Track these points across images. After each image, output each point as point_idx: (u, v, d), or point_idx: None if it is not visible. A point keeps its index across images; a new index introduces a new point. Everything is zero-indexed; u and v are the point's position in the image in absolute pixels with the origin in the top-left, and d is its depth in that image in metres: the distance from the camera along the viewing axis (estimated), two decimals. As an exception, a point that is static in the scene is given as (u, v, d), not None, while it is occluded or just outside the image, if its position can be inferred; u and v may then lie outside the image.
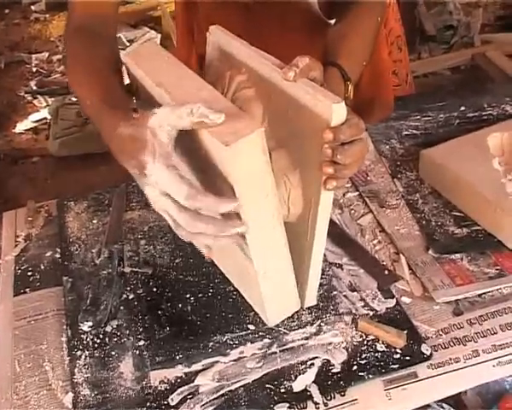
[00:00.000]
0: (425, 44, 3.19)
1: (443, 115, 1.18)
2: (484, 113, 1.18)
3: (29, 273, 0.91)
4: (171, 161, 0.64)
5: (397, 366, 0.74)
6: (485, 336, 0.77)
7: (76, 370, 0.76)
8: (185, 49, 1.14)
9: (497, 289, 0.83)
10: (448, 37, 3.25)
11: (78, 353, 0.78)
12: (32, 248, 0.96)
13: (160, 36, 3.50)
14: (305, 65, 0.70)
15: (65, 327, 0.82)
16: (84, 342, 0.80)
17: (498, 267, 0.85)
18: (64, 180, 2.47)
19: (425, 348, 0.75)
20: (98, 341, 0.80)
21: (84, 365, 0.77)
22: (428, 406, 0.75)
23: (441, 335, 0.78)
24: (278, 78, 0.72)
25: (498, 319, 0.79)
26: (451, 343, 0.77)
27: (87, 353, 0.78)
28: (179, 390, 0.73)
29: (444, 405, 0.77)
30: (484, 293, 0.82)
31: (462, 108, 1.19)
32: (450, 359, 0.75)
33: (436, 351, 0.76)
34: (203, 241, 0.66)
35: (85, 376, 0.76)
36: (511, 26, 3.20)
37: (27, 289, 0.88)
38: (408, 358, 0.75)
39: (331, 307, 0.82)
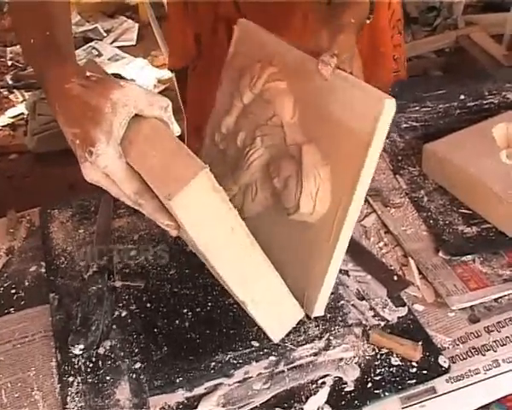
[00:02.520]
0: (407, 27, 3.14)
1: (442, 105, 1.13)
2: (485, 101, 1.13)
3: (12, 291, 0.85)
4: (120, 149, 0.59)
5: (414, 381, 0.69)
6: (504, 345, 0.73)
7: (68, 399, 0.70)
8: (179, 28, 1.09)
9: (514, 293, 0.78)
10: (431, 19, 3.21)
11: (70, 379, 0.72)
12: (14, 263, 0.89)
13: (137, 25, 3.41)
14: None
15: (54, 350, 0.76)
16: (76, 366, 0.74)
17: (513, 269, 0.81)
18: (43, 178, 2.39)
19: (442, 361, 0.71)
20: (91, 365, 0.74)
21: (77, 392, 0.71)
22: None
23: (458, 345, 0.73)
24: (312, 71, 0.70)
25: (517, 326, 0.75)
26: (470, 354, 0.72)
27: (79, 379, 0.72)
28: (181, 418, 0.68)
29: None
30: (500, 297, 0.78)
31: (462, 97, 1.14)
32: (470, 371, 0.70)
33: (454, 363, 0.71)
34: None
35: (79, 405, 0.70)
36: (494, 7, 3.16)
37: (11, 309, 0.82)
38: (425, 372, 0.70)
39: (339, 319, 0.77)
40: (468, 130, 0.99)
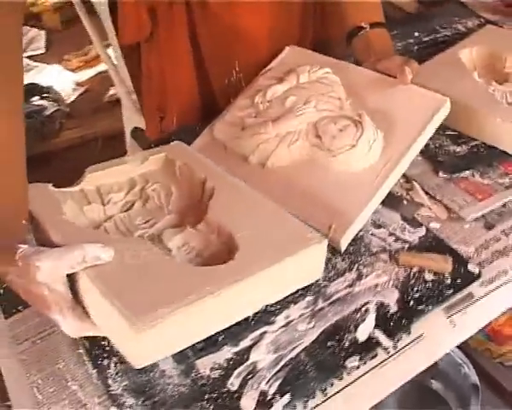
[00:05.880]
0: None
1: (400, 43, 1.16)
2: (439, 35, 1.17)
3: (14, 290, 0.79)
4: (79, 309, 0.64)
5: (451, 291, 0.71)
6: (524, 243, 0.76)
7: (109, 381, 0.66)
8: (132, 4, 1.03)
9: (518, 196, 0.82)
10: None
11: (105, 362, 0.68)
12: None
13: (44, 32, 3.26)
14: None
15: (78, 338, 0.71)
16: (107, 348, 0.69)
17: (511, 175, 0.84)
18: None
19: (472, 268, 0.73)
20: (124, 342, 0.70)
21: (117, 373, 0.67)
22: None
23: (481, 251, 0.75)
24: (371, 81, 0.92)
25: (530, 224, 0.78)
26: (494, 257, 0.75)
27: (115, 359, 0.68)
28: (236, 373, 0.65)
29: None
30: (506, 203, 0.81)
31: (417, 34, 1.18)
32: (499, 272, 0.73)
33: (483, 268, 0.73)
34: None
35: (123, 384, 0.66)
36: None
37: (20, 307, 0.76)
38: (459, 281, 0.72)
39: (363, 249, 0.77)
40: (435, 59, 1.02)
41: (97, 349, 0.70)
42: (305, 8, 1.09)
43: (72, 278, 0.64)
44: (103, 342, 0.70)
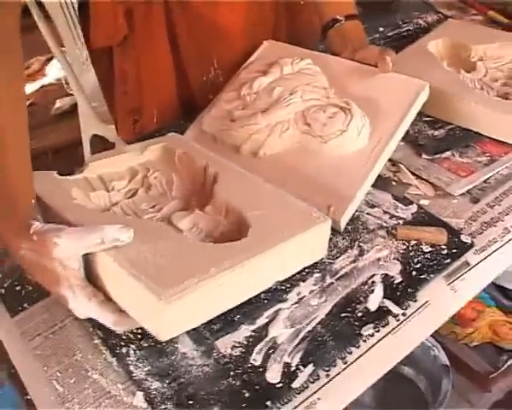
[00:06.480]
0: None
1: (367, 38, 1.20)
2: (402, 29, 1.23)
3: (17, 288, 0.77)
4: (89, 288, 0.64)
5: (449, 260, 0.75)
6: (508, 214, 0.81)
7: (131, 367, 0.66)
8: (107, 7, 1.03)
9: (497, 172, 0.87)
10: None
11: (124, 350, 0.68)
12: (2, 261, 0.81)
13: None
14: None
15: (91, 329, 0.71)
16: (124, 337, 0.70)
17: (488, 154, 0.90)
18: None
19: (465, 238, 0.78)
20: (139, 330, 0.70)
21: (137, 359, 0.67)
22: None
23: (471, 223, 0.80)
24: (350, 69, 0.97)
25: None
26: (483, 228, 0.80)
27: (133, 346, 0.69)
28: (257, 348, 0.67)
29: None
30: (488, 178, 0.86)
31: (381, 29, 1.23)
32: (489, 241, 0.78)
33: (474, 238, 0.78)
34: None
35: (146, 369, 0.66)
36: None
37: (25, 305, 0.75)
38: (455, 250, 0.76)
39: (361, 227, 0.81)
40: (405, 52, 1.08)
41: (113, 339, 0.70)
42: (278, 3, 1.12)
43: (86, 259, 0.65)
44: (119, 331, 0.70)
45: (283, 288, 0.73)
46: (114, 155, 0.83)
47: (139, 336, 0.69)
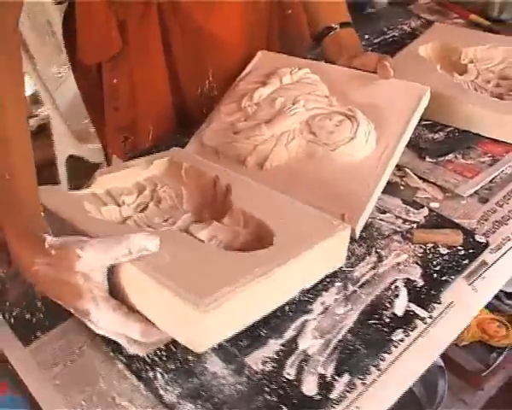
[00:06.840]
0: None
1: (357, 46, 1.21)
2: (387, 36, 1.25)
3: (27, 316, 0.74)
4: (113, 300, 0.61)
5: (467, 260, 0.75)
6: (517, 211, 0.82)
7: (161, 391, 0.64)
8: (100, 20, 0.99)
9: (501, 171, 0.89)
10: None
11: (150, 374, 0.66)
12: (10, 288, 0.78)
13: None
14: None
15: (112, 354, 0.69)
16: (148, 360, 0.67)
17: (490, 155, 0.91)
18: None
19: (480, 238, 0.78)
20: (164, 352, 0.68)
21: (166, 382, 0.65)
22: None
23: (483, 223, 0.81)
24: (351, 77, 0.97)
25: (519, 195, 0.85)
26: (496, 227, 0.80)
27: (160, 370, 0.66)
28: (289, 362, 0.66)
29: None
30: (493, 178, 0.88)
31: (367, 36, 1.24)
32: (503, 239, 0.79)
33: (488, 237, 0.79)
34: None
35: (176, 392, 0.64)
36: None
37: (38, 333, 0.72)
38: (471, 251, 0.77)
39: (375, 234, 0.80)
40: (396, 57, 1.08)
41: (137, 363, 0.67)
42: (271, 13, 1.12)
43: (108, 272, 0.62)
44: (140, 356, 0.68)
45: (306, 299, 0.72)
46: (120, 170, 0.81)
47: (164, 359, 0.67)
